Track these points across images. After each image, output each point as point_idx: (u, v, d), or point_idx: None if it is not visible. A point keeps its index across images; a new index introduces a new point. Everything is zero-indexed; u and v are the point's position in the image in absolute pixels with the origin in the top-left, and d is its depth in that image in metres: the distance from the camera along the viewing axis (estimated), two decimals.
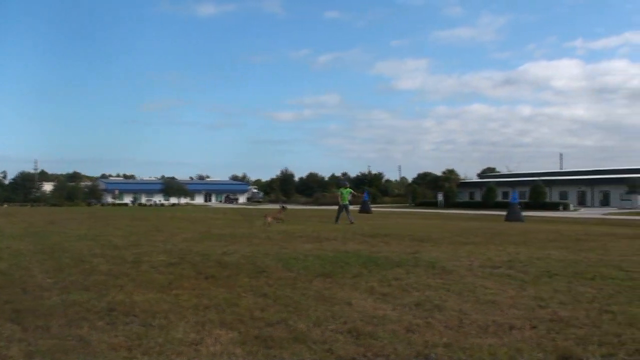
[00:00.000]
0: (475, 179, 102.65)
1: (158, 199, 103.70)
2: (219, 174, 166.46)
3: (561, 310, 6.30)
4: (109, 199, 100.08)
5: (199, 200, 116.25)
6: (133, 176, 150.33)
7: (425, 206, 75.25)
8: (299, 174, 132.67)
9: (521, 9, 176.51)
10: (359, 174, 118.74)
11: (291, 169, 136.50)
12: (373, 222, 25.70)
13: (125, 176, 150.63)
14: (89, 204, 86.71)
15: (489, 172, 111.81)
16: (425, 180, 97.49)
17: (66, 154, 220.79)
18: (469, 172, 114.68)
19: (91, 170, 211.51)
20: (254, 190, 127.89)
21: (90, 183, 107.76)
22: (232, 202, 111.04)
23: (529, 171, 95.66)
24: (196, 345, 4.96)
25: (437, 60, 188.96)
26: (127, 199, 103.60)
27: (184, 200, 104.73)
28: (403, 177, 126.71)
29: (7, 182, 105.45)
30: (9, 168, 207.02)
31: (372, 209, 43.59)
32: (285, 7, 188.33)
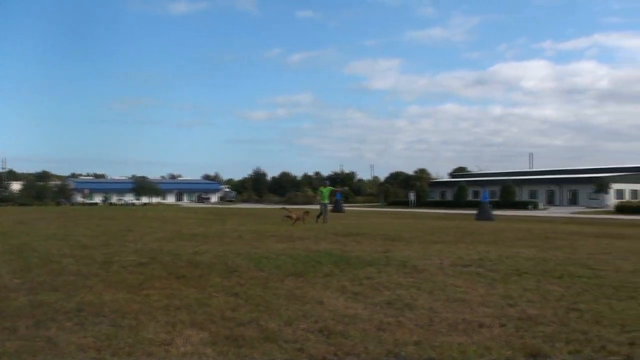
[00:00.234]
0: (447, 179, 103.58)
1: (129, 198, 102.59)
2: (191, 173, 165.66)
3: (530, 308, 6.40)
4: (79, 199, 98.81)
5: (170, 199, 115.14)
6: (104, 175, 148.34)
7: (397, 205, 75.61)
8: (271, 173, 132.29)
9: (492, 9, 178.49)
10: (331, 173, 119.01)
11: (264, 168, 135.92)
12: (345, 222, 25.76)
13: (96, 175, 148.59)
14: (58, 204, 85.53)
15: (460, 171, 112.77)
16: (398, 180, 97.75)
17: (35, 153, 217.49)
18: (440, 172, 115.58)
19: (61, 169, 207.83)
20: (227, 190, 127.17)
21: (60, 182, 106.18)
22: (204, 202, 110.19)
23: (499, 170, 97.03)
24: (166, 345, 4.92)
25: (410, 60, 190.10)
26: (97, 199, 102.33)
27: (155, 200, 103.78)
28: (375, 176, 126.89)
29: None
30: None
31: (344, 208, 43.74)
32: (258, 6, 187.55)
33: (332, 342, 5.02)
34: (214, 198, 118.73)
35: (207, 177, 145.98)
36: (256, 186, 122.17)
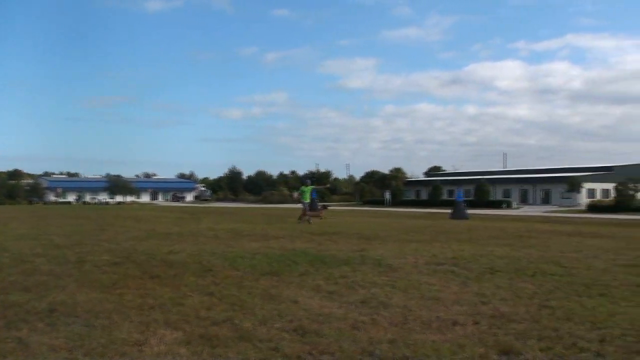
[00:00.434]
0: (422, 178, 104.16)
1: (103, 197, 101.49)
2: (166, 172, 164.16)
3: (502, 306, 6.47)
4: (52, 198, 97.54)
5: (145, 198, 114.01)
6: (77, 174, 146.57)
7: (373, 204, 75.92)
8: (247, 172, 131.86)
9: (467, 10, 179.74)
10: (307, 172, 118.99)
11: (239, 167, 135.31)
12: (321, 221, 25.76)
13: (69, 174, 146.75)
14: (30, 203, 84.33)
15: (435, 170, 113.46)
16: (373, 179, 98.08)
17: (6, 152, 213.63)
18: (415, 171, 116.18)
19: (33, 168, 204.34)
20: (202, 189, 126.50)
21: (32, 181, 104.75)
22: (179, 201, 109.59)
23: (473, 170, 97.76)
24: (140, 345, 4.88)
25: (385, 60, 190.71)
26: (71, 198, 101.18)
27: (129, 199, 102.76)
28: (351, 175, 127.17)
29: None
30: None
31: (320, 206, 43.64)
32: (233, 4, 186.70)
33: (307, 341, 5.03)
34: (189, 197, 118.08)
35: (182, 175, 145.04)
36: (232, 185, 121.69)
